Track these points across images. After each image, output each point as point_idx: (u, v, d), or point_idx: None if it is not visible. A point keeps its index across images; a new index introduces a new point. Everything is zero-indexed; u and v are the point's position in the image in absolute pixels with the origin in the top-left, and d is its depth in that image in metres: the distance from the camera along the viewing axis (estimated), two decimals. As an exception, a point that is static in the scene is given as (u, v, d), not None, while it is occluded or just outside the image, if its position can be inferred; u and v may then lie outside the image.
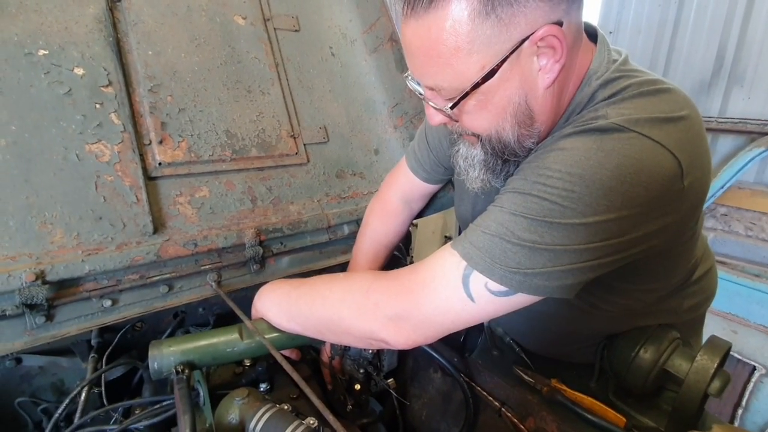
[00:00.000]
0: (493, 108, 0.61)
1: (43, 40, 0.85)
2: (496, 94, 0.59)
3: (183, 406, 0.62)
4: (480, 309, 0.60)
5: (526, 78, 0.58)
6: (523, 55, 0.56)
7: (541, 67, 0.58)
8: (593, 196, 0.53)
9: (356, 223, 1.12)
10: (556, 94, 0.61)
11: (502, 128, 0.63)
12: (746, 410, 1.96)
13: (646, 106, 0.57)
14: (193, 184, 0.95)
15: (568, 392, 0.81)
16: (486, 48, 0.55)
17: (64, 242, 0.79)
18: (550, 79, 0.58)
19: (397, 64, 1.25)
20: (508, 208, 0.58)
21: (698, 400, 0.69)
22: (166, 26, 0.99)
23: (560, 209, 0.54)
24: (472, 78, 0.57)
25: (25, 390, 0.86)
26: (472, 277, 0.58)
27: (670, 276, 0.74)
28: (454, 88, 0.59)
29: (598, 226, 0.54)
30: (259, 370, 0.84)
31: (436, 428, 1.01)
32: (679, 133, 0.56)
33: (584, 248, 0.54)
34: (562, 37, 0.55)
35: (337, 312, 0.71)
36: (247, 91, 1.07)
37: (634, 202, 0.54)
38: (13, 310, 0.72)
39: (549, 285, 0.56)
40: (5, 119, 0.78)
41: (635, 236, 0.56)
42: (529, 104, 0.60)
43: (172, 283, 0.88)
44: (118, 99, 0.89)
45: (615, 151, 0.54)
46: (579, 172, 0.54)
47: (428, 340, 0.66)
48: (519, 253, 0.56)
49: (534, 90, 0.59)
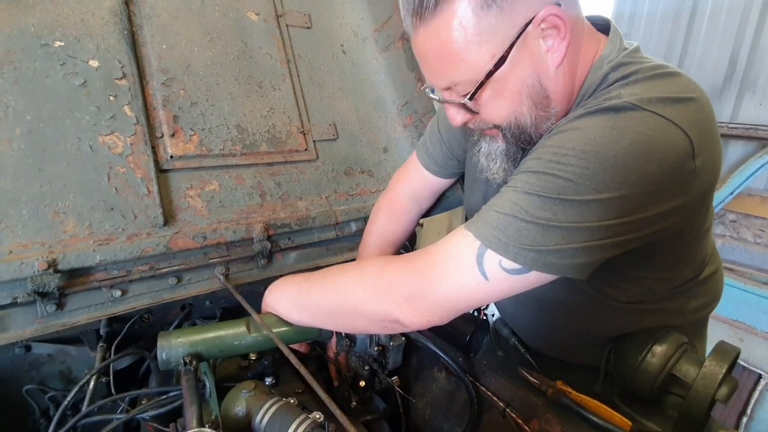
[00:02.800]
0: (509, 94, 0.63)
1: (60, 32, 0.86)
2: (510, 80, 0.61)
3: (190, 397, 0.63)
4: (494, 287, 0.60)
5: (536, 60, 0.61)
6: (529, 39, 0.59)
7: (549, 48, 0.60)
8: (607, 172, 0.54)
9: (364, 220, 1.13)
10: (568, 73, 0.63)
11: (520, 113, 0.65)
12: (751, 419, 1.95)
13: (658, 87, 0.58)
14: (203, 177, 0.95)
15: (574, 394, 0.81)
16: (493, 37, 0.58)
17: (76, 232, 0.79)
18: (559, 58, 0.61)
19: (408, 62, 1.25)
20: (522, 187, 0.58)
21: (705, 406, 0.69)
22: (180, 20, 1.00)
23: (574, 186, 0.55)
24: (484, 68, 0.60)
25: (33, 377, 0.87)
26: (486, 255, 0.59)
27: (680, 267, 0.74)
28: (469, 81, 0.62)
29: (612, 202, 0.54)
30: (264, 364, 0.85)
31: (439, 427, 1.01)
32: (690, 113, 0.57)
33: (597, 225, 0.55)
34: (563, 15, 0.58)
35: (351, 295, 0.71)
36: (259, 86, 1.07)
37: (647, 179, 0.54)
38: (24, 297, 0.73)
39: (563, 263, 0.57)
40: (21, 109, 0.79)
41: (648, 215, 0.57)
42: (543, 84, 0.62)
43: (181, 276, 0.89)
44: (132, 91, 0.89)
45: (629, 128, 0.55)
46: (593, 149, 0.55)
47: (443, 321, 0.66)
48: (533, 230, 0.56)
49: (545, 70, 0.62)
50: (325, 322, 0.77)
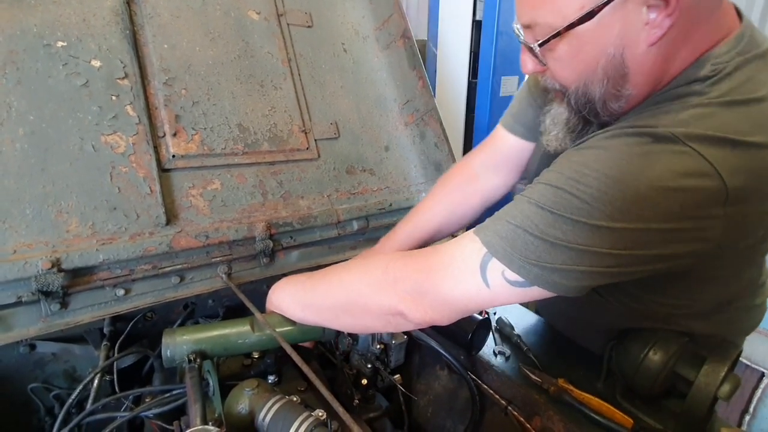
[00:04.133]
0: (585, 56, 0.57)
1: (62, 32, 0.86)
2: (590, 41, 0.55)
3: (194, 395, 0.63)
4: (494, 296, 0.60)
5: (629, 29, 0.53)
6: (630, 3, 0.51)
7: (649, 21, 0.52)
8: (625, 201, 0.51)
9: (365, 219, 1.13)
10: (661, 56, 0.55)
11: (591, 81, 0.59)
12: (753, 417, 1.94)
13: (724, 120, 0.52)
14: (205, 176, 0.95)
15: (575, 392, 0.81)
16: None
17: (80, 231, 0.80)
18: (657, 36, 0.53)
19: (409, 60, 1.25)
20: (536, 200, 0.57)
21: (707, 404, 0.69)
22: (181, 20, 1.00)
23: (588, 209, 0.52)
24: (569, 17, 0.53)
25: (38, 376, 0.88)
26: (491, 264, 0.58)
27: (698, 296, 0.72)
28: (549, 26, 0.56)
29: (625, 233, 0.52)
30: (267, 362, 0.85)
31: (441, 425, 1.02)
32: (741, 160, 0.52)
33: (606, 253, 0.53)
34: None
35: (355, 290, 0.71)
36: (260, 85, 1.07)
37: (665, 217, 0.52)
38: (29, 296, 0.74)
39: (565, 284, 0.56)
40: (24, 109, 0.79)
41: (660, 253, 0.54)
42: (625, 59, 0.55)
43: (184, 274, 0.89)
44: (134, 91, 0.90)
45: (660, 162, 0.52)
46: (616, 174, 0.52)
47: (443, 321, 0.66)
48: (540, 246, 0.55)
49: (635, 44, 0.54)
50: (329, 319, 0.77)
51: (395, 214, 1.19)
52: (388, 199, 1.18)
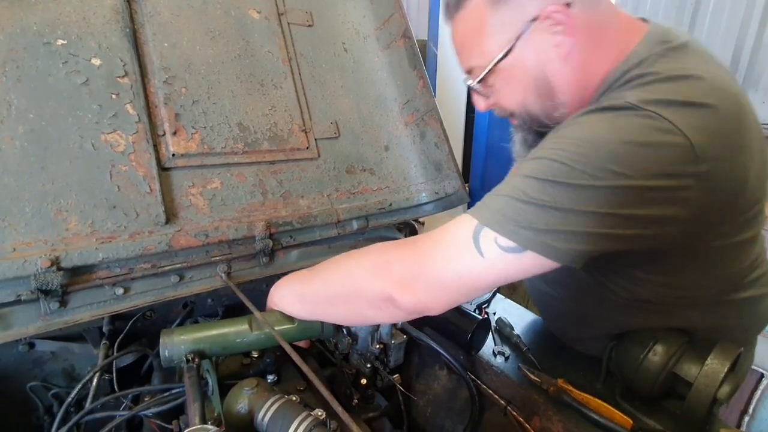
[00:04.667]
0: (516, 81, 0.71)
1: (62, 30, 0.86)
2: (516, 68, 0.69)
3: (193, 394, 0.63)
4: (489, 266, 0.60)
5: (542, 53, 0.67)
6: (535, 33, 0.66)
7: (556, 43, 0.66)
8: (601, 159, 0.56)
9: (365, 218, 1.13)
10: (578, 67, 0.67)
11: (528, 101, 0.72)
12: (753, 418, 1.94)
13: (668, 89, 0.58)
14: (205, 175, 0.95)
15: (575, 392, 0.81)
16: (503, 30, 0.67)
17: (79, 230, 0.80)
18: (565, 52, 0.66)
19: (410, 60, 1.25)
20: (522, 172, 0.61)
21: (707, 405, 0.69)
22: (181, 18, 1.00)
23: (569, 170, 0.57)
24: (494, 56, 0.69)
25: (36, 374, 0.88)
26: (483, 232, 0.60)
27: (691, 276, 0.72)
28: (481, 67, 0.71)
29: (605, 191, 0.56)
30: (266, 362, 0.85)
31: (440, 425, 1.02)
32: (697, 118, 0.56)
33: (592, 212, 0.56)
34: (568, 14, 0.64)
35: (350, 275, 0.71)
36: (260, 84, 1.07)
37: (640, 172, 0.55)
38: (28, 295, 0.73)
39: (556, 246, 0.57)
40: (23, 107, 0.79)
41: (644, 214, 0.57)
42: (548, 76, 0.68)
43: (183, 273, 0.89)
44: (134, 90, 0.89)
45: (626, 124, 0.57)
46: (589, 137, 0.58)
47: (436, 306, 0.66)
48: (529, 211, 0.58)
49: (551, 62, 0.67)
50: (325, 310, 0.76)
51: (395, 214, 1.19)
52: (388, 199, 1.18)
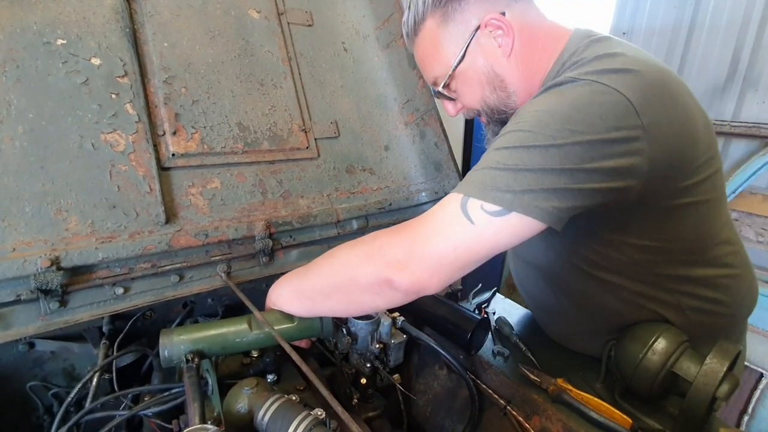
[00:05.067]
0: (472, 81, 0.82)
1: (62, 30, 0.86)
2: (470, 70, 0.81)
3: (192, 394, 0.63)
4: (480, 231, 0.64)
5: (489, 54, 0.79)
6: (481, 39, 0.78)
7: (500, 44, 0.78)
8: (557, 122, 0.64)
9: (365, 218, 1.13)
10: (522, 62, 0.79)
11: (485, 96, 0.83)
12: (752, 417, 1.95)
13: (598, 64, 0.69)
14: (205, 175, 0.95)
15: (574, 392, 0.81)
16: (454, 41, 0.80)
17: (79, 229, 0.80)
18: (507, 51, 0.78)
19: (410, 60, 1.25)
20: (494, 147, 0.69)
21: (706, 404, 0.69)
22: (181, 18, 1.00)
23: (533, 135, 0.65)
24: (451, 64, 0.81)
25: (37, 374, 0.88)
26: (469, 203, 0.65)
27: (662, 238, 0.77)
28: (443, 75, 0.83)
29: (567, 148, 0.63)
30: (266, 361, 0.85)
31: (440, 424, 1.02)
32: (628, 80, 0.65)
33: (560, 169, 0.63)
34: (503, 20, 0.77)
35: (344, 264, 0.73)
36: (260, 84, 1.07)
37: (593, 128, 0.63)
38: (28, 295, 0.74)
39: (537, 205, 0.63)
40: (23, 107, 0.79)
41: (605, 166, 0.64)
42: (497, 72, 0.80)
43: (183, 273, 0.89)
44: (134, 89, 0.89)
45: (571, 92, 0.67)
46: (543, 108, 0.67)
47: (434, 281, 0.66)
48: (506, 175, 0.64)
49: (498, 61, 0.79)
50: (323, 303, 0.77)
51: (395, 214, 1.19)
52: (388, 199, 1.18)
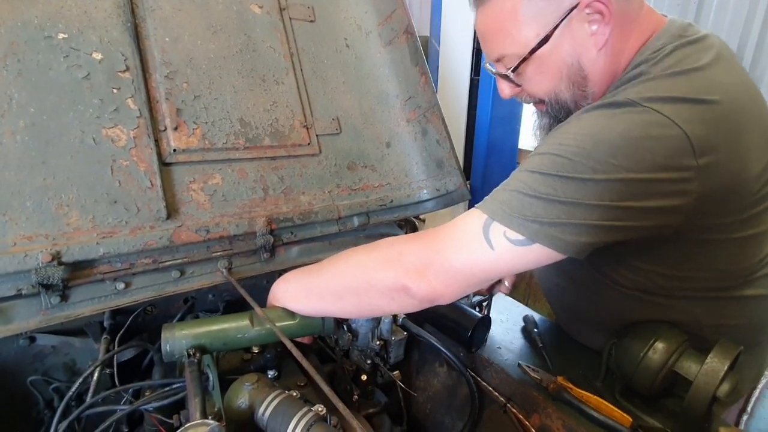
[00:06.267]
0: (549, 71, 0.70)
1: (63, 24, 0.85)
2: (551, 58, 0.68)
3: (194, 389, 0.63)
4: (499, 257, 0.62)
5: (578, 42, 0.66)
6: (573, 22, 0.65)
7: (593, 32, 0.65)
8: (601, 153, 0.58)
9: (366, 215, 1.13)
10: (610, 57, 0.68)
11: (560, 90, 0.71)
12: (751, 417, 1.95)
13: (669, 85, 0.60)
14: (206, 171, 0.95)
15: (575, 390, 0.81)
16: (539, 18, 0.66)
17: (80, 224, 0.80)
18: (601, 41, 0.66)
19: (412, 56, 1.24)
20: (527, 167, 0.63)
21: (707, 403, 0.69)
22: (183, 13, 1.00)
23: (572, 164, 0.59)
24: (529, 45, 0.67)
25: (37, 369, 0.88)
26: (492, 226, 0.62)
27: (692, 269, 0.73)
28: (515, 55, 0.70)
29: (607, 184, 0.57)
30: (267, 357, 0.85)
31: (440, 421, 1.02)
32: (695, 112, 0.58)
33: (596, 205, 0.58)
34: (607, 4, 0.63)
35: (360, 266, 0.73)
36: (262, 80, 1.07)
37: (639, 165, 0.57)
38: (29, 289, 0.73)
39: (563, 238, 0.59)
40: (24, 101, 0.79)
41: (646, 206, 0.58)
42: (582, 65, 0.68)
43: (184, 269, 0.89)
44: (135, 84, 0.89)
45: (624, 119, 0.59)
46: (589, 132, 0.60)
47: (448, 293, 0.67)
48: (535, 204, 0.60)
49: (587, 52, 0.67)
50: (333, 303, 0.77)
51: (396, 211, 1.19)
52: (389, 196, 1.17)
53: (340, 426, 0.63)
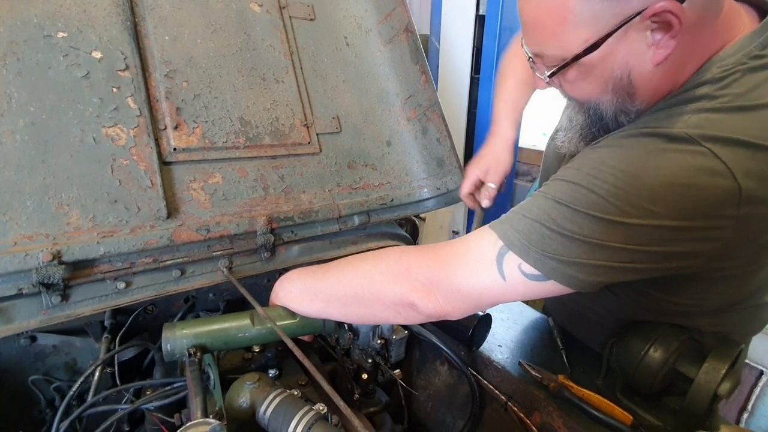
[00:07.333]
0: (594, 80, 0.60)
1: (62, 23, 0.85)
2: (598, 67, 0.58)
3: (195, 388, 0.63)
4: (509, 288, 0.60)
5: (634, 53, 0.55)
6: (632, 30, 0.53)
7: (654, 42, 0.54)
8: (640, 197, 0.52)
9: (366, 214, 1.12)
10: (669, 72, 0.58)
11: (601, 101, 0.63)
12: (752, 414, 1.95)
13: (736, 123, 0.53)
14: (206, 170, 0.95)
15: (575, 388, 0.81)
16: (592, 22, 0.54)
17: (80, 224, 0.79)
18: (662, 56, 0.54)
19: (412, 55, 1.24)
20: (553, 195, 0.58)
21: (707, 401, 0.69)
22: (182, 11, 0.99)
23: (605, 204, 0.54)
24: (573, 50, 0.57)
25: (38, 368, 0.88)
26: (507, 256, 0.58)
27: (705, 298, 0.72)
28: (556, 57, 0.59)
29: (639, 229, 0.53)
30: (268, 356, 0.85)
31: (441, 420, 1.02)
32: (753, 162, 0.52)
33: (621, 248, 0.54)
34: (681, 13, 0.51)
35: (367, 277, 0.71)
36: (262, 78, 1.06)
37: (678, 213, 0.52)
38: (29, 288, 0.73)
39: (581, 278, 0.56)
40: (24, 100, 0.79)
41: (673, 251, 0.55)
42: (632, 80, 0.58)
43: (185, 268, 0.89)
44: (135, 83, 0.89)
45: (674, 159, 0.53)
46: (632, 171, 0.54)
47: (456, 313, 0.66)
48: (557, 240, 0.55)
49: (641, 65, 0.56)
50: (338, 309, 0.76)
51: (396, 210, 1.19)
52: (390, 195, 1.17)
53: (341, 425, 0.63)
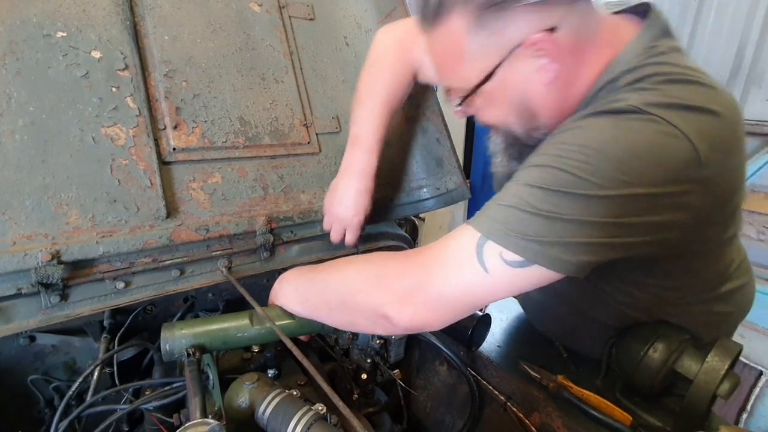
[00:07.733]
0: (499, 105, 0.67)
1: (62, 22, 0.85)
2: (498, 93, 0.65)
3: (194, 388, 0.63)
4: (493, 282, 0.58)
5: (526, 77, 0.62)
6: (519, 58, 0.61)
7: (540, 67, 0.61)
8: (608, 169, 0.54)
9: (366, 214, 1.12)
10: (561, 89, 0.64)
11: (509, 123, 0.69)
12: (751, 415, 1.95)
13: (671, 92, 0.56)
14: (206, 170, 0.95)
15: (575, 389, 0.81)
16: (482, 55, 0.61)
17: (80, 223, 0.79)
18: (549, 77, 0.62)
19: (412, 55, 1.24)
20: (524, 180, 0.58)
21: (707, 401, 0.69)
22: (182, 11, 0.99)
23: (576, 180, 0.54)
24: (473, 81, 0.64)
25: (38, 368, 0.88)
26: (486, 246, 0.57)
27: (692, 278, 0.73)
28: (462, 89, 0.67)
29: (613, 200, 0.54)
30: (267, 356, 0.85)
31: (440, 420, 1.02)
32: (700, 123, 0.55)
33: (601, 222, 0.54)
34: (554, 42, 0.59)
35: (349, 285, 0.70)
36: (261, 78, 1.06)
37: (647, 180, 0.54)
38: (28, 288, 0.73)
39: (565, 258, 0.55)
40: (23, 100, 0.79)
41: (651, 221, 0.56)
42: (529, 101, 0.65)
43: (184, 268, 0.89)
44: (134, 83, 0.89)
45: (630, 129, 0.55)
46: (594, 145, 0.55)
47: (438, 321, 0.63)
48: (535, 222, 0.55)
49: (534, 87, 0.63)
50: (327, 314, 0.76)
51: (396, 210, 1.19)
52: (389, 195, 1.17)
53: (340, 425, 0.63)
